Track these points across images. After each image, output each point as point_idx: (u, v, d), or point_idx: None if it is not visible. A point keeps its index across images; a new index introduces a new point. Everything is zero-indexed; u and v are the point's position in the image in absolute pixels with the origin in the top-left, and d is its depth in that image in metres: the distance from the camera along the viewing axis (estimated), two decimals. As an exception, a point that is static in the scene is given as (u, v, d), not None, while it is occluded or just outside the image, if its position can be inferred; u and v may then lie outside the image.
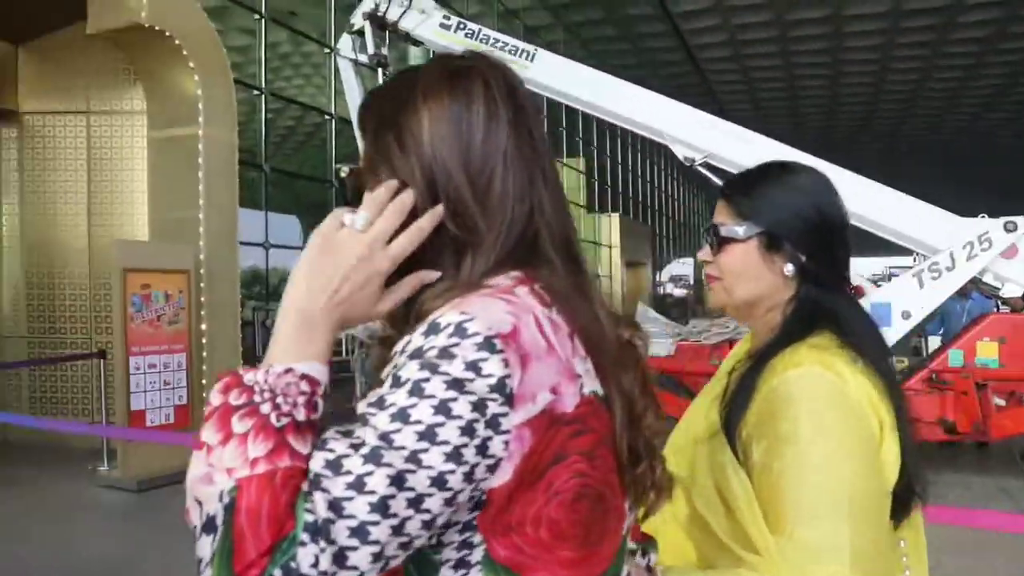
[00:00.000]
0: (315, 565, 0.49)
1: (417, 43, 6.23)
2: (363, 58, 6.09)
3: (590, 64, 6.34)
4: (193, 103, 5.88)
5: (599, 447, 0.63)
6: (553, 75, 5.67)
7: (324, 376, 0.58)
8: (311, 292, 0.59)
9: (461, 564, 0.59)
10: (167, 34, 5.50)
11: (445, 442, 0.53)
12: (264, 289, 9.40)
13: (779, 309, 0.99)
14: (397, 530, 0.52)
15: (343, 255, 0.61)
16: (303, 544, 0.49)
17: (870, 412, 0.87)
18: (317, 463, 0.52)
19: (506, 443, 0.56)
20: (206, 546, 0.50)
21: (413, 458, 0.52)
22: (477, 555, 0.59)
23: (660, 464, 0.71)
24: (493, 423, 0.55)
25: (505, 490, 0.57)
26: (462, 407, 0.54)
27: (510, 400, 0.56)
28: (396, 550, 0.53)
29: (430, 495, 0.53)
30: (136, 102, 6.30)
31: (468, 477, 0.54)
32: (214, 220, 6.07)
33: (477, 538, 0.58)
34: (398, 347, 0.57)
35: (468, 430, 0.54)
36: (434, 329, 0.56)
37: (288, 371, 0.56)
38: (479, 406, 0.54)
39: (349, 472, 0.51)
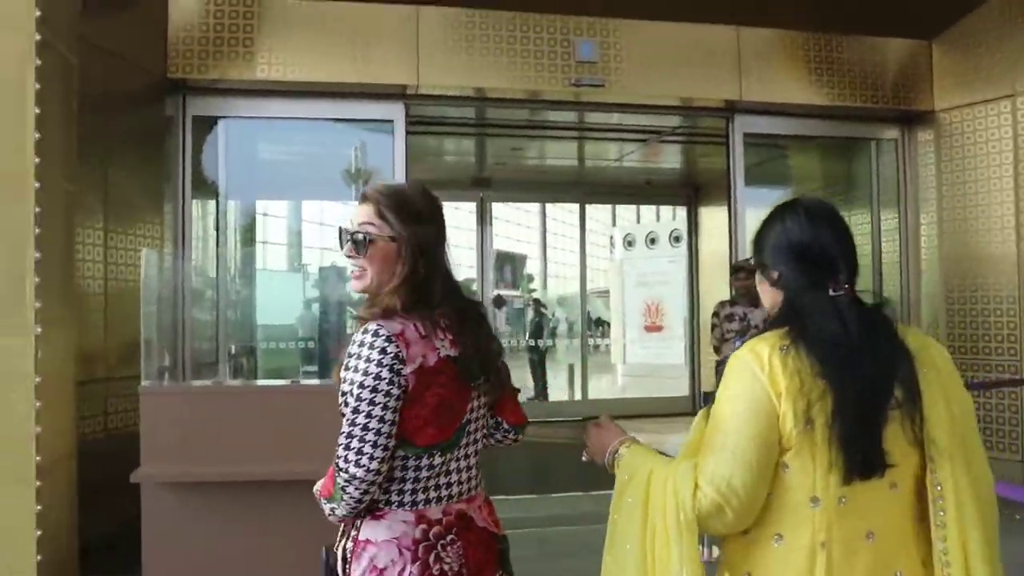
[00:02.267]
0: (372, 469, 1.81)
1: None
2: None
3: None
4: None
5: (450, 379, 1.87)
6: None
7: None
8: None
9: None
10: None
11: (368, 385, 1.81)
12: None
13: None
14: (385, 439, 1.80)
15: None
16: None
17: (767, 382, 1.58)
18: None
19: (406, 378, 1.81)
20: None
21: (363, 400, 1.82)
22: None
23: (496, 378, 2.04)
24: (399, 371, 1.81)
25: (406, 398, 1.83)
26: (386, 370, 1.80)
27: (403, 362, 1.81)
28: (391, 445, 1.82)
29: (387, 415, 1.79)
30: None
31: (394, 399, 1.80)
32: None
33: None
34: None
35: (377, 380, 1.80)
36: (363, 331, 1.87)
37: None
38: (392, 367, 1.80)
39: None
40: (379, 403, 1.79)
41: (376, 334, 1.82)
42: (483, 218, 11.93)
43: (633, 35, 6.89)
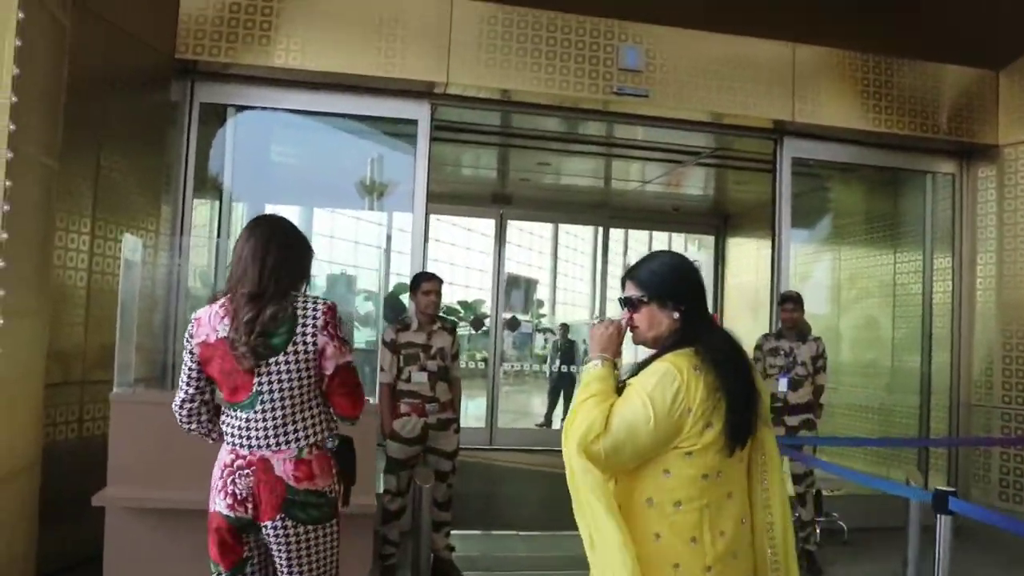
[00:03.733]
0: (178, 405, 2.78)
1: None
2: None
3: None
4: None
5: (225, 355, 2.60)
6: None
7: None
8: None
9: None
10: None
11: (184, 351, 2.73)
12: None
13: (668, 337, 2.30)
14: (185, 386, 2.71)
15: None
16: None
17: (682, 395, 2.10)
18: None
19: (195, 347, 2.68)
20: None
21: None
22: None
23: (254, 360, 2.59)
24: (190, 342, 2.69)
25: (202, 364, 2.70)
26: (185, 341, 2.72)
27: (192, 337, 2.68)
28: (194, 391, 2.71)
29: (186, 371, 2.70)
30: None
31: (191, 361, 2.70)
32: None
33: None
34: None
35: (185, 347, 2.71)
36: None
37: None
38: (187, 339, 2.71)
39: None
40: (184, 363, 2.69)
41: (190, 318, 2.71)
42: (501, 237, 11.38)
43: (679, 45, 6.33)
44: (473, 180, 10.83)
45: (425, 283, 5.19)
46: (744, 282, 11.10)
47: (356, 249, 9.62)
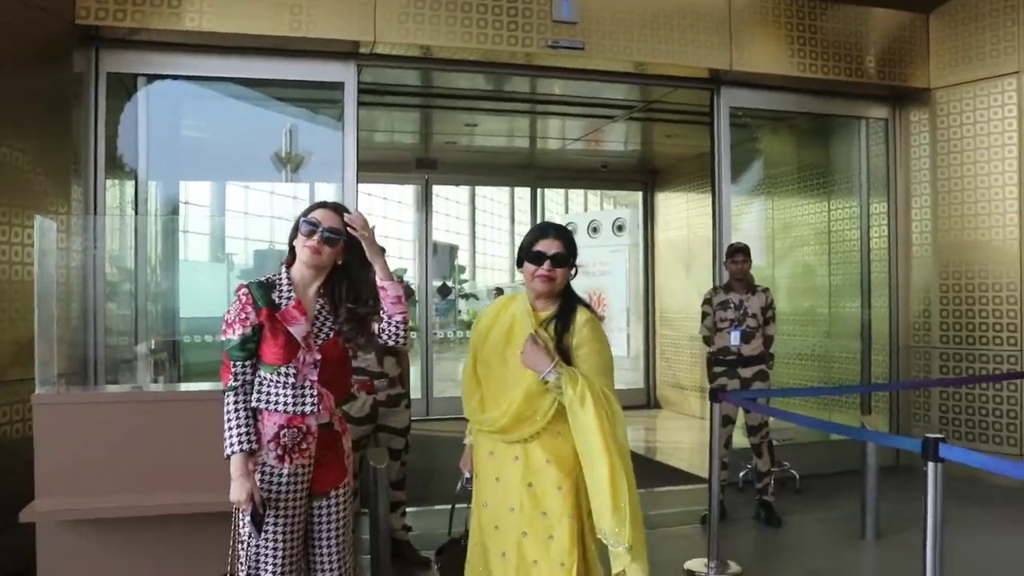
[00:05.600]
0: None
1: None
2: None
3: None
4: None
5: None
6: None
7: None
8: None
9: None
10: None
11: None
12: None
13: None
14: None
15: None
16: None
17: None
18: None
19: None
20: None
21: None
22: None
23: None
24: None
25: None
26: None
27: None
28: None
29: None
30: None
31: None
32: None
33: None
34: None
35: None
36: None
37: None
38: None
39: None
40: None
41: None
42: (427, 203, 11.05)
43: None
44: (396, 146, 10.44)
45: (369, 254, 4.90)
46: (674, 237, 11.04)
47: (272, 224, 9.16)
